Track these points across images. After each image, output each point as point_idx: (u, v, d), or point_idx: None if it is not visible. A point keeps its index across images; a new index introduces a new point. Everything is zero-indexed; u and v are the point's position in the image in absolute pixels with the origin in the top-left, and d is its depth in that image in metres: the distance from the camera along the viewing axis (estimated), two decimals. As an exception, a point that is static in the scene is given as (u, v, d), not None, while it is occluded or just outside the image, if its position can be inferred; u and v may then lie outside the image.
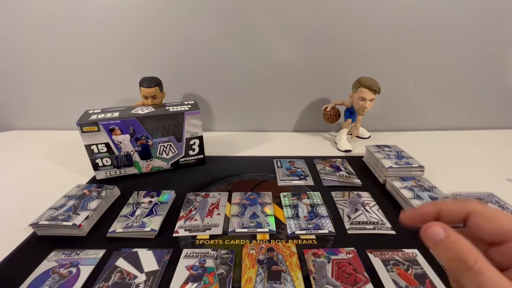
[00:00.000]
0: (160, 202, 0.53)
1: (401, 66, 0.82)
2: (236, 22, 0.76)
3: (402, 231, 0.47)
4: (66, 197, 0.52)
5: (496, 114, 0.91)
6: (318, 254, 0.42)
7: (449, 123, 0.92)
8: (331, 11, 0.75)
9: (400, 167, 0.59)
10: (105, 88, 0.85)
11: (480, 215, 0.21)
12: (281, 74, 0.83)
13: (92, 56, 0.80)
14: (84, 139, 0.56)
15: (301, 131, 0.92)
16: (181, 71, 0.82)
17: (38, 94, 0.86)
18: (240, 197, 0.55)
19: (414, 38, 0.78)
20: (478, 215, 0.21)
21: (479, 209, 0.21)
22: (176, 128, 0.62)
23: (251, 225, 0.48)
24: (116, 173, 0.62)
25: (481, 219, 0.21)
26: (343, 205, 0.53)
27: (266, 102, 0.88)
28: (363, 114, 0.77)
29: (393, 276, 0.38)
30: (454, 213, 0.22)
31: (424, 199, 0.51)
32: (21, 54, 0.80)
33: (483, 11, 0.75)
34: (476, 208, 0.21)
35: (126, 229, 0.46)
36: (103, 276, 0.38)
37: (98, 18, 0.75)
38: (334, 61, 0.82)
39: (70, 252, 0.43)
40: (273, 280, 0.38)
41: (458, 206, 0.22)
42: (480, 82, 0.85)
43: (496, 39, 0.79)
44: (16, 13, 0.75)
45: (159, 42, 0.78)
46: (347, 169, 0.66)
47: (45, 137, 0.86)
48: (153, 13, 0.75)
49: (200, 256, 0.42)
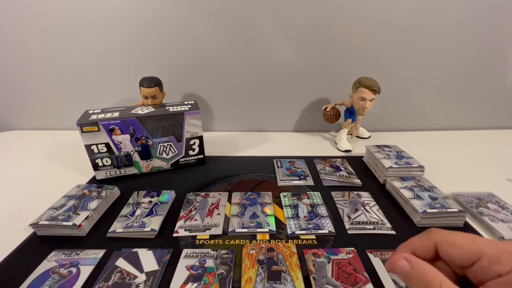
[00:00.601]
0: (160, 202, 0.53)
1: (401, 66, 0.82)
2: (236, 22, 0.76)
3: (402, 231, 0.47)
4: (66, 197, 0.52)
5: (496, 114, 0.91)
6: (318, 254, 0.42)
7: (449, 123, 0.92)
8: (331, 11, 0.75)
9: (400, 167, 0.59)
10: (105, 88, 0.85)
11: (444, 245, 0.22)
12: (281, 74, 0.83)
13: (92, 56, 0.80)
14: (84, 139, 0.56)
15: (301, 131, 0.92)
16: (181, 71, 0.82)
17: (38, 94, 0.86)
18: (240, 197, 0.55)
19: (414, 38, 0.78)
20: (443, 245, 0.22)
21: (441, 238, 0.22)
22: (176, 128, 0.62)
23: (251, 225, 0.48)
24: (116, 173, 0.62)
25: (446, 248, 0.22)
26: (343, 205, 0.53)
27: (266, 102, 0.88)
28: (363, 114, 0.77)
29: (393, 276, 0.38)
30: (424, 250, 0.23)
31: (424, 199, 0.51)
32: (21, 54, 0.80)
33: (483, 11, 0.75)
34: (439, 239, 0.22)
35: (126, 229, 0.46)
36: (103, 276, 0.38)
37: (98, 18, 0.75)
38: (334, 61, 0.82)
39: (70, 252, 0.43)
40: (273, 280, 0.38)
41: (424, 242, 0.23)
42: (480, 82, 0.85)
43: (496, 39, 0.79)
44: (17, 13, 0.75)
45: (159, 42, 0.78)
46: (347, 169, 0.66)
47: (45, 137, 0.86)
48: (153, 13, 0.75)
49: (200, 256, 0.42)
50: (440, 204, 0.49)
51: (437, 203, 0.50)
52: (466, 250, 0.21)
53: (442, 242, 0.22)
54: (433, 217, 0.48)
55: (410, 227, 0.48)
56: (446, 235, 0.22)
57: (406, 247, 0.23)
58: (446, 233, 0.22)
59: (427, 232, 0.24)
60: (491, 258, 0.20)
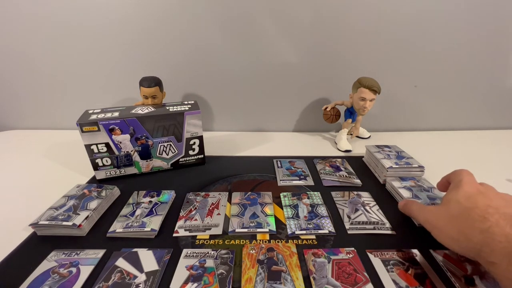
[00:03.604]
0: (160, 202, 0.53)
1: (401, 66, 0.82)
2: (236, 22, 0.76)
3: (402, 231, 0.47)
4: (66, 197, 0.52)
5: (496, 114, 0.91)
6: (318, 254, 0.42)
7: (449, 123, 0.92)
8: (332, 11, 0.75)
9: (400, 167, 0.59)
10: (105, 88, 0.85)
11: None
12: (281, 74, 0.83)
13: (92, 56, 0.80)
14: (84, 139, 0.56)
15: (301, 131, 0.92)
16: (181, 71, 0.82)
17: (38, 94, 0.86)
18: (240, 197, 0.55)
19: (414, 38, 0.78)
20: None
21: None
22: (176, 128, 0.62)
23: (251, 225, 0.48)
24: (116, 173, 0.62)
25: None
26: (343, 205, 0.53)
27: (266, 102, 0.88)
28: (363, 114, 0.77)
29: (393, 276, 0.38)
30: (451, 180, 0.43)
31: (422, 199, 0.52)
32: (21, 54, 0.80)
33: (483, 11, 0.75)
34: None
35: (126, 229, 0.46)
36: (103, 276, 0.38)
37: (99, 18, 0.75)
38: (334, 61, 0.81)
39: (70, 252, 0.43)
40: (273, 280, 0.38)
41: (447, 178, 0.46)
42: (480, 82, 0.85)
43: (496, 39, 0.79)
44: (17, 12, 0.75)
45: (159, 42, 0.78)
46: (347, 169, 0.66)
47: (45, 136, 0.86)
48: (153, 13, 0.75)
49: (200, 256, 0.42)
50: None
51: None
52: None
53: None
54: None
55: (410, 227, 0.48)
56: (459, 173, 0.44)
57: (445, 177, 0.46)
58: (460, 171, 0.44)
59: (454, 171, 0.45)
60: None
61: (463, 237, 0.34)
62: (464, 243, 0.34)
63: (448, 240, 0.36)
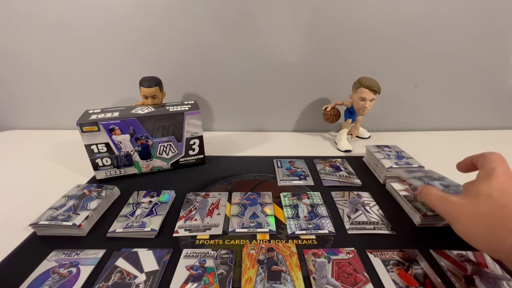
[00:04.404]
0: (160, 202, 0.53)
1: (401, 66, 0.82)
2: (236, 22, 0.76)
3: (402, 231, 0.47)
4: (66, 197, 0.52)
5: (496, 114, 0.91)
6: (318, 254, 0.42)
7: (449, 123, 0.92)
8: (332, 11, 0.75)
9: (400, 167, 0.59)
10: (105, 88, 0.85)
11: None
12: (281, 74, 0.83)
13: (92, 56, 0.80)
14: (84, 139, 0.56)
15: (301, 131, 0.92)
16: (181, 71, 0.82)
17: (38, 94, 0.86)
18: (240, 197, 0.55)
19: (415, 38, 0.78)
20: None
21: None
22: (176, 128, 0.62)
23: (251, 225, 0.48)
24: (116, 173, 0.62)
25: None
26: (343, 205, 0.53)
27: (266, 102, 0.88)
28: (363, 114, 0.77)
29: (393, 276, 0.38)
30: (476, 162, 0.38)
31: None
32: (21, 54, 0.80)
33: (483, 11, 0.75)
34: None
35: (126, 229, 0.46)
36: (103, 276, 0.38)
37: (99, 18, 0.75)
38: (334, 61, 0.81)
39: (70, 252, 0.43)
40: (273, 280, 0.38)
41: (472, 159, 0.40)
42: (480, 82, 0.85)
43: (496, 39, 0.79)
44: (16, 11, 0.74)
45: (159, 42, 0.78)
46: (347, 169, 0.66)
47: (45, 136, 0.86)
48: (153, 13, 0.75)
49: (200, 256, 0.42)
50: (453, 191, 0.44)
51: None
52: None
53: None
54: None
55: (410, 227, 0.48)
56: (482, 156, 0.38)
57: (470, 158, 0.41)
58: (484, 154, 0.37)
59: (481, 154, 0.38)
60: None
61: (494, 238, 0.29)
62: (494, 244, 0.29)
63: (474, 239, 0.32)
